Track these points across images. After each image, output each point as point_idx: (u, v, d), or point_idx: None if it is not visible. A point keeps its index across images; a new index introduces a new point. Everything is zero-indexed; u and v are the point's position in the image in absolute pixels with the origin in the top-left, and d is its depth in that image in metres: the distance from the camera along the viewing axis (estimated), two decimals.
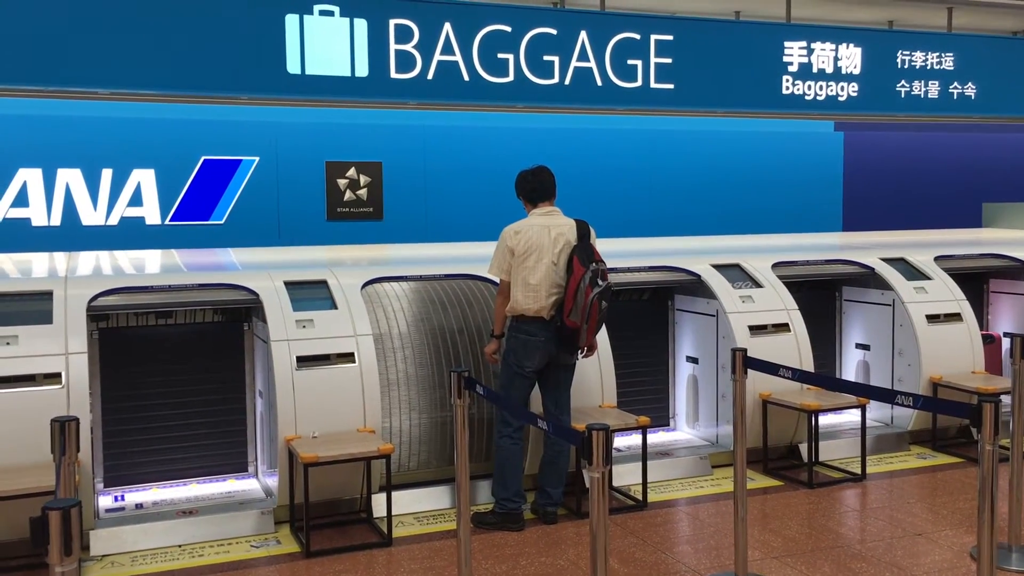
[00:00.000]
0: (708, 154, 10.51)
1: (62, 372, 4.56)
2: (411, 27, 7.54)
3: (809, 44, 8.99)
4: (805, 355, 6.01)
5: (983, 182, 11.76)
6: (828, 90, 9.11)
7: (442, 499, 5.25)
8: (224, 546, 4.68)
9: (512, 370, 4.96)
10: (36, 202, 8.13)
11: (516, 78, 7.90)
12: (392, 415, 5.34)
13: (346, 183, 9.07)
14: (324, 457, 4.57)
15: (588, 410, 5.39)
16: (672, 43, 8.43)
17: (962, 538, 4.72)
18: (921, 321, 6.37)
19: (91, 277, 5.36)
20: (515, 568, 4.40)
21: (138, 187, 8.43)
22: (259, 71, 7.18)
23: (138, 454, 5.33)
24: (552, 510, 5.03)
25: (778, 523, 4.99)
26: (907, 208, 11.46)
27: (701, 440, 6.27)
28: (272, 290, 5.20)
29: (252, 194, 8.76)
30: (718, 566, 4.42)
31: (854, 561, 4.45)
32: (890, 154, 11.56)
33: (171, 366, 5.42)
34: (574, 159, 9.67)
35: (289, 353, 4.93)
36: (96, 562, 4.48)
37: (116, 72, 6.88)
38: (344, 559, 4.53)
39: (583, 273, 4.73)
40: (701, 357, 6.28)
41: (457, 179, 9.42)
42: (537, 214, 5.00)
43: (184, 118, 8.46)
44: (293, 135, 8.91)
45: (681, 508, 5.28)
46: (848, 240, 8.67)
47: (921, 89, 9.55)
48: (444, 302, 5.73)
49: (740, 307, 6.02)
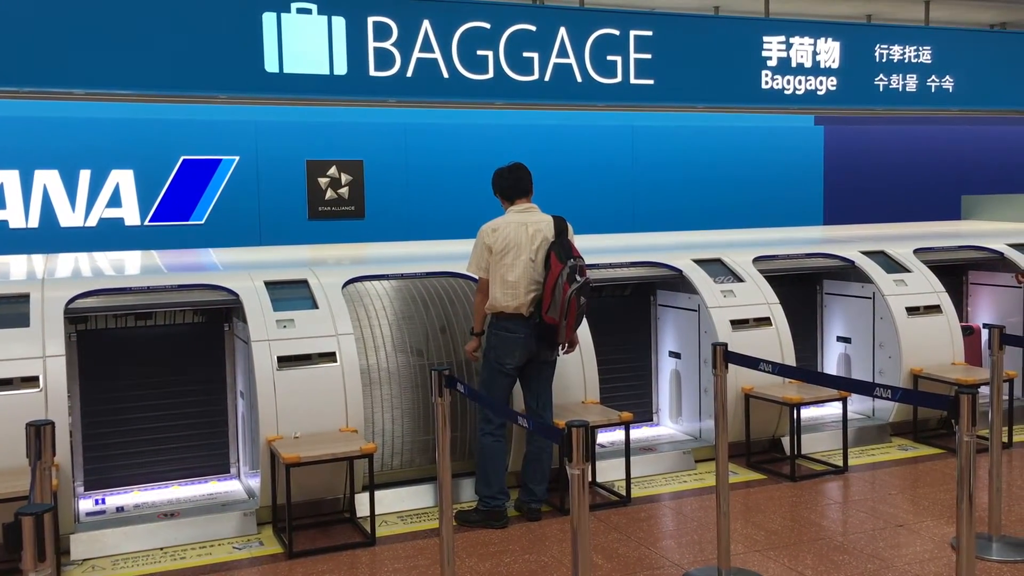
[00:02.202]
0: (689, 149, 10.54)
1: (40, 375, 4.51)
2: (389, 25, 7.51)
3: (788, 39, 9.02)
4: (787, 349, 6.03)
5: (962, 174, 11.84)
6: (807, 84, 9.14)
7: (426, 498, 5.24)
8: (206, 548, 4.65)
9: (493, 367, 4.95)
10: (13, 204, 8.07)
11: (496, 75, 7.88)
12: (375, 414, 5.33)
13: (327, 182, 9.05)
14: (306, 457, 4.55)
15: (571, 406, 5.39)
16: (651, 39, 8.44)
17: (943, 529, 4.75)
18: (901, 313, 6.41)
19: (68, 279, 5.31)
20: (499, 566, 4.40)
21: (117, 188, 8.38)
22: (237, 70, 7.13)
23: (119, 457, 5.29)
24: (536, 507, 5.03)
25: (761, 516, 5.01)
26: (887, 201, 11.54)
27: (684, 435, 6.28)
28: (252, 290, 5.17)
29: (232, 194, 8.72)
30: (701, 560, 4.43)
31: (836, 553, 4.47)
32: (870, 148, 11.63)
33: (151, 368, 5.38)
34: (555, 155, 9.70)
35: (270, 353, 4.90)
36: (77, 566, 4.45)
37: (92, 72, 6.82)
38: (327, 559, 4.52)
39: (561, 269, 4.73)
40: (683, 352, 6.29)
41: (439, 176, 9.41)
42: (514, 211, 4.99)
43: (163, 118, 8.41)
44: (273, 134, 8.87)
45: (664, 503, 5.29)
46: (829, 234, 8.70)
47: (899, 83, 9.59)
48: (426, 300, 5.72)
49: (722, 301, 6.03)
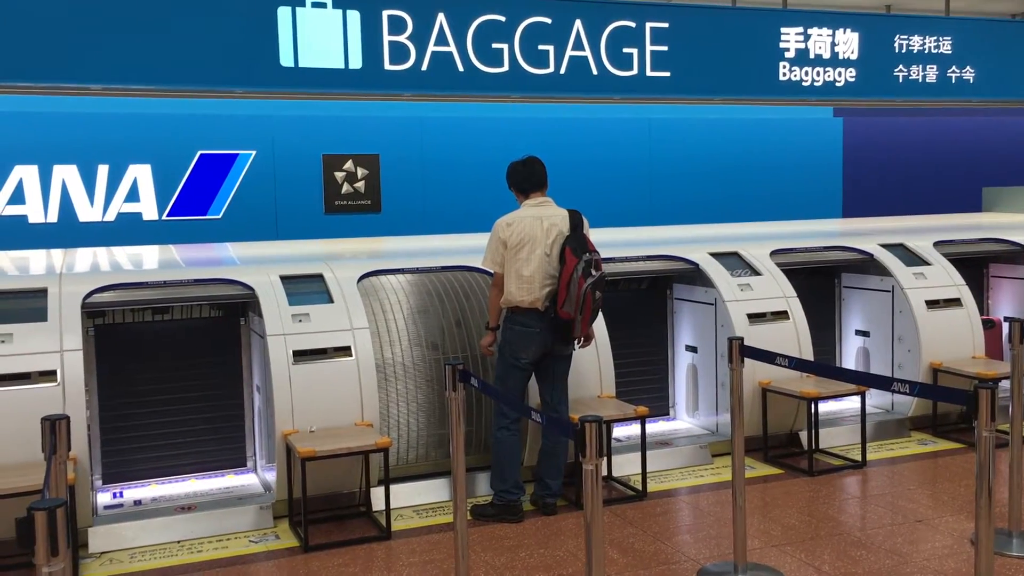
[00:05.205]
0: (705, 142, 10.49)
1: (57, 370, 4.54)
2: (404, 18, 7.50)
3: (806, 30, 8.95)
4: (804, 343, 5.99)
5: (982, 166, 11.72)
6: (826, 76, 9.06)
7: (441, 492, 5.24)
8: (223, 541, 4.67)
9: (508, 362, 4.94)
10: (32, 199, 8.12)
11: (511, 68, 7.86)
12: (390, 408, 5.33)
13: (343, 176, 9.06)
14: (322, 451, 4.56)
15: (587, 400, 5.38)
16: (668, 31, 8.39)
17: (963, 524, 4.71)
18: (921, 307, 6.35)
19: (86, 273, 5.34)
20: (514, 560, 4.40)
21: (134, 183, 8.42)
22: (252, 65, 7.15)
23: (136, 450, 5.32)
24: (551, 501, 5.02)
25: (778, 511, 4.98)
26: (907, 193, 11.44)
27: (701, 429, 6.26)
28: (268, 284, 5.18)
29: (249, 188, 8.75)
30: (717, 555, 4.41)
31: (854, 548, 4.44)
32: (889, 139, 11.53)
33: (168, 362, 5.40)
34: (570, 149, 9.66)
35: (285, 347, 4.91)
36: (95, 559, 4.48)
37: (110, 68, 6.85)
38: (343, 553, 4.52)
39: (576, 264, 4.71)
40: (700, 346, 6.26)
41: (454, 170, 9.41)
42: (529, 205, 4.97)
43: (180, 113, 8.44)
44: (290, 128, 8.89)
45: (681, 497, 5.27)
46: (847, 226, 8.64)
47: (919, 74, 9.50)
48: (441, 294, 5.71)
49: (739, 295, 5.99)
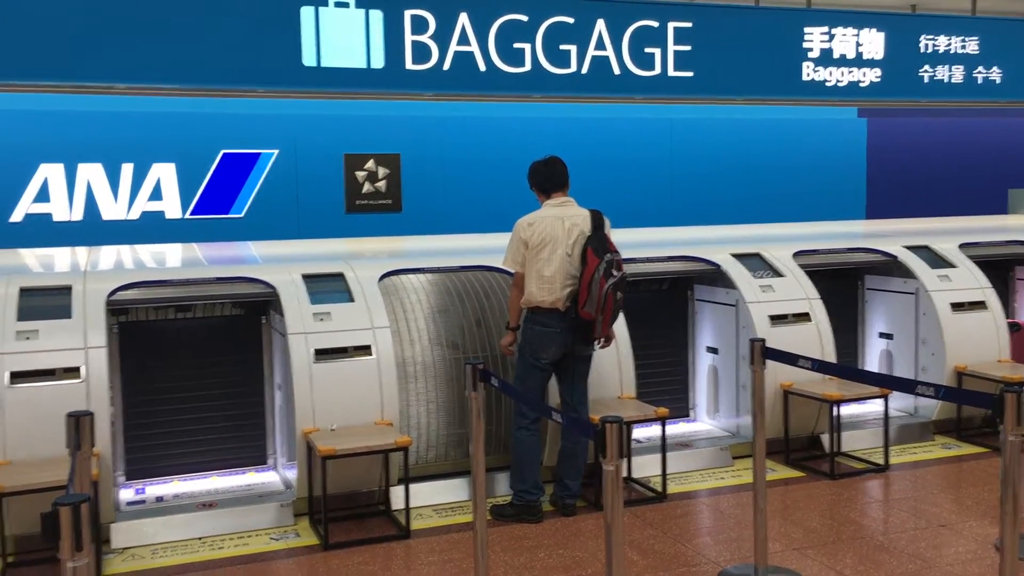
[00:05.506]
0: (728, 142, 10.42)
1: (81, 366, 4.58)
2: (426, 18, 7.51)
3: (830, 30, 8.88)
4: (827, 345, 5.95)
5: (1009, 168, 11.59)
6: (850, 76, 9.00)
7: (461, 491, 5.24)
8: (244, 539, 4.70)
9: (528, 362, 4.93)
10: (57, 197, 8.19)
11: (533, 68, 7.85)
12: (410, 407, 5.34)
13: (365, 175, 9.08)
14: (342, 450, 4.57)
15: (607, 401, 5.36)
16: (690, 30, 8.35)
17: (987, 529, 4.66)
18: (945, 309, 6.29)
19: (110, 271, 5.38)
20: (533, 560, 4.39)
21: (158, 181, 8.47)
22: (275, 64, 7.19)
23: (158, 447, 5.35)
24: (571, 502, 5.01)
25: (800, 514, 4.95)
26: (931, 195, 11.32)
27: (722, 431, 6.22)
28: (289, 283, 5.20)
29: (271, 187, 8.78)
30: (738, 558, 4.38)
31: (877, 553, 4.40)
32: (914, 140, 11.41)
33: (190, 359, 5.43)
34: (592, 148, 9.63)
35: (307, 346, 4.93)
36: (117, 555, 4.51)
37: (134, 67, 6.91)
38: (363, 551, 4.54)
39: (597, 264, 4.70)
40: (721, 347, 6.23)
41: (475, 170, 9.40)
42: (551, 205, 4.97)
43: (203, 112, 8.48)
44: (312, 128, 8.91)
45: (701, 499, 5.24)
46: (871, 228, 8.57)
47: (945, 74, 9.41)
48: (461, 294, 5.72)
49: (760, 297, 5.96)
